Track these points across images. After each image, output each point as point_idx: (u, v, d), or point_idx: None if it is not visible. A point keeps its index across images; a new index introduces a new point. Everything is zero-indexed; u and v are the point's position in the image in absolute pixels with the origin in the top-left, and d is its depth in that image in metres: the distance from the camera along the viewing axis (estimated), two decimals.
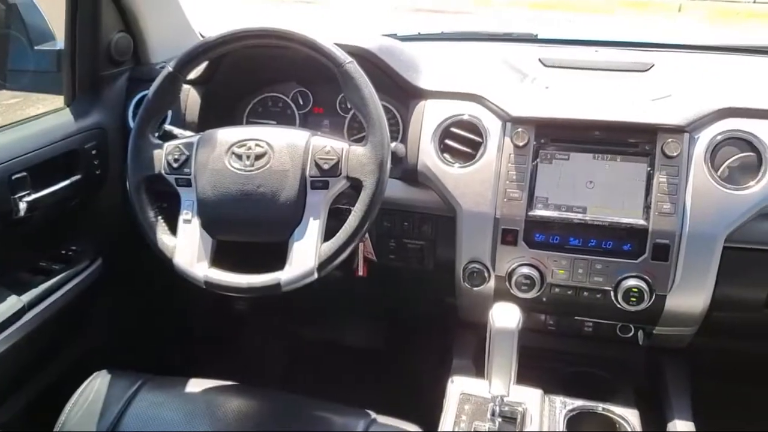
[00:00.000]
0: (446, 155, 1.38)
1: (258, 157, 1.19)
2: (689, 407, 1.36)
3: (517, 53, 1.68)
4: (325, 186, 1.18)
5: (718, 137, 1.27)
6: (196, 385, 1.27)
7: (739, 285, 1.31)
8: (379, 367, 2.04)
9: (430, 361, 1.51)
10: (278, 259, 1.18)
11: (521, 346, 1.10)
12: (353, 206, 1.17)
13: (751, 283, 1.32)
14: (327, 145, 1.19)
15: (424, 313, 1.88)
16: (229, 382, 1.30)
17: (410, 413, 1.29)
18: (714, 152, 1.27)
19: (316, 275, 1.16)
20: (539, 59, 1.59)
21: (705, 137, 1.28)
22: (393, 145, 1.33)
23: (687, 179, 1.26)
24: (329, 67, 1.20)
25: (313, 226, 1.17)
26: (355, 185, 1.18)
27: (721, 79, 1.55)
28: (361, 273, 1.46)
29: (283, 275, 1.16)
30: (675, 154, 1.26)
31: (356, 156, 1.18)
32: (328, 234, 1.18)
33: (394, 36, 1.83)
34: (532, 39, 1.89)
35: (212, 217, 1.20)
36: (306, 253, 1.16)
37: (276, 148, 1.20)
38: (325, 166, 1.18)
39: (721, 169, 1.27)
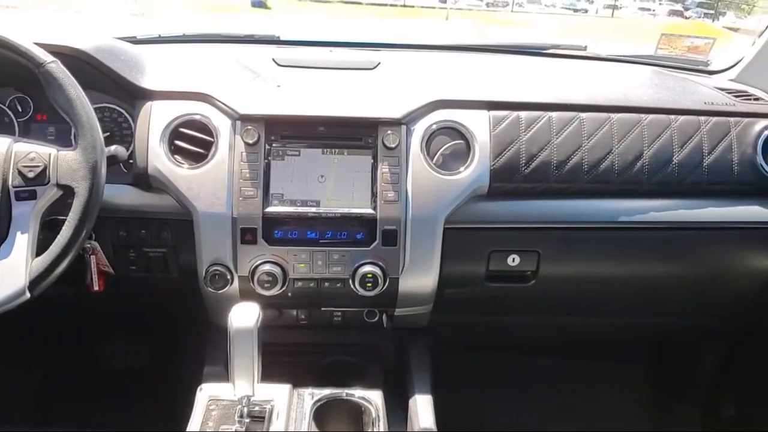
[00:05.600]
0: (177, 156, 1.35)
1: None
2: (429, 381, 1.45)
3: (252, 54, 1.68)
4: (32, 196, 1.10)
5: (433, 127, 1.38)
6: None
7: (462, 262, 1.43)
8: (134, 384, 1.94)
9: (186, 371, 1.46)
10: None
11: (274, 344, 1.10)
12: None
13: (472, 259, 1.44)
14: (32, 151, 1.11)
15: (178, 323, 1.82)
16: None
17: (162, 427, 1.24)
18: (429, 142, 1.37)
19: (28, 295, 1.08)
20: (273, 59, 1.61)
21: (420, 128, 1.37)
22: (113, 148, 1.27)
23: (407, 168, 1.35)
24: (29, 68, 1.12)
25: (21, 241, 1.08)
26: (68, 193, 1.11)
27: (440, 75, 1.67)
28: (96, 288, 1.37)
29: None
30: (394, 145, 1.34)
31: (66, 161, 1.11)
32: (45, 249, 1.10)
33: (132, 39, 1.75)
34: (274, 41, 1.91)
35: None
36: (15, 272, 1.08)
37: None
38: (31, 175, 1.10)
39: (435, 157, 1.37)
